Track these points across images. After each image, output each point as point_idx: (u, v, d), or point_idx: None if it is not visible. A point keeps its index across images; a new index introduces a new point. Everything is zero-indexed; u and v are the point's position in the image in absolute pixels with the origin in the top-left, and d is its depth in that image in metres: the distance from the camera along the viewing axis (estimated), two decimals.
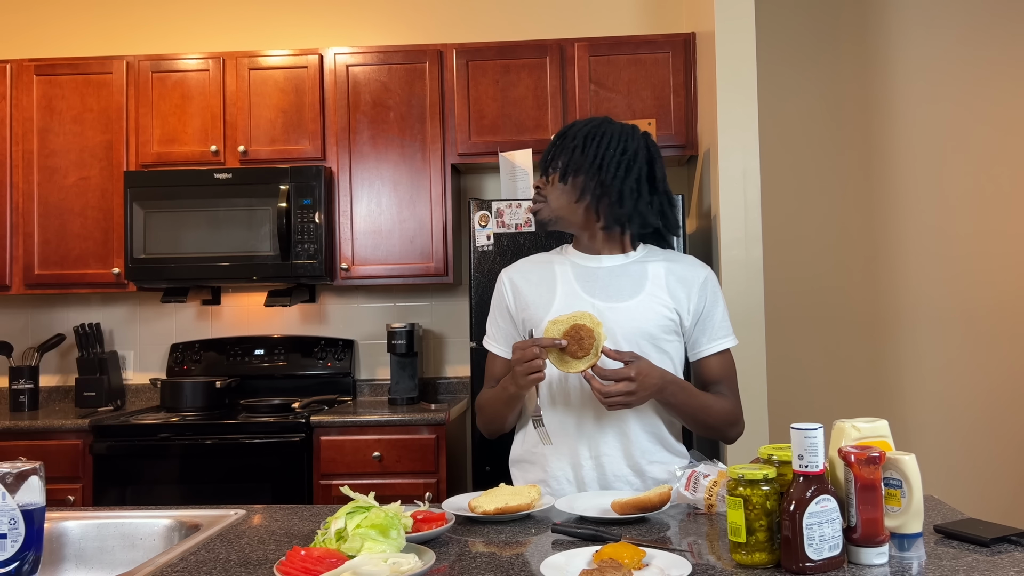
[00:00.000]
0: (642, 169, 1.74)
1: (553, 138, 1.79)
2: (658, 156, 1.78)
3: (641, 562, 1.16)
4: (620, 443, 1.71)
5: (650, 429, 1.73)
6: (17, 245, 3.30)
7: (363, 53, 3.29)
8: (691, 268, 1.79)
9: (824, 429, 1.14)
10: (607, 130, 1.75)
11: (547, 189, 1.78)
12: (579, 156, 1.73)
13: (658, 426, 1.74)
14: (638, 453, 1.71)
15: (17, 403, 3.37)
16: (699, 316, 1.76)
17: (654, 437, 1.73)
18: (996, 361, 3.52)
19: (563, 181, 1.74)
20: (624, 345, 1.68)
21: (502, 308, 1.85)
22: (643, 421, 1.72)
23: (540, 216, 1.79)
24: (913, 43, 3.57)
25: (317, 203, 3.16)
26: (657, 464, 1.72)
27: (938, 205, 3.54)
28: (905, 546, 1.19)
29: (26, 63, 3.34)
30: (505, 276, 1.87)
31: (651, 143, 1.79)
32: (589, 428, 1.72)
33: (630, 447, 1.71)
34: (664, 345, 1.73)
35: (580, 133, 1.75)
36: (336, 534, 1.19)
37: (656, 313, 1.72)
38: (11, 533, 1.13)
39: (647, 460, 1.71)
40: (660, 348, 1.72)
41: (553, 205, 1.77)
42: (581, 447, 1.72)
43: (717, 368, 1.78)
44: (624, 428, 1.71)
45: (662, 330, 1.72)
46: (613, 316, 1.71)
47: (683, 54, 3.20)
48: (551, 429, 1.70)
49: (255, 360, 3.48)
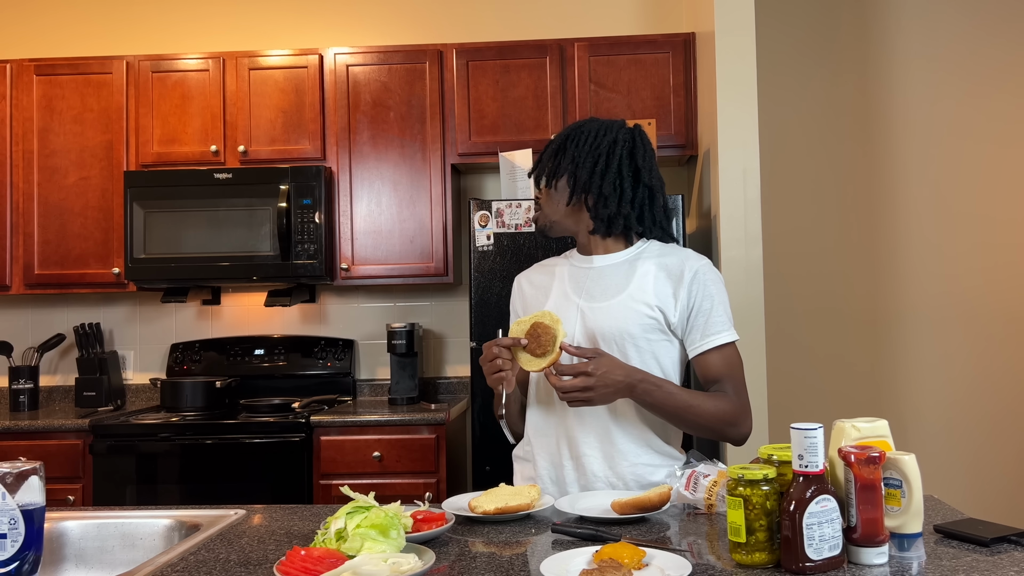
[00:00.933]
0: (623, 164, 1.71)
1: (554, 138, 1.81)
2: (642, 148, 1.74)
3: (641, 562, 1.16)
4: (600, 444, 1.68)
5: (632, 431, 1.69)
6: (17, 245, 3.30)
7: (363, 53, 3.29)
8: (682, 262, 1.72)
9: (824, 429, 1.14)
10: (586, 129, 1.75)
11: (543, 197, 1.79)
12: (559, 159, 1.75)
13: (641, 428, 1.69)
14: (618, 455, 1.67)
15: (17, 403, 3.37)
16: (690, 311, 1.68)
17: (637, 439, 1.69)
18: (996, 361, 3.52)
19: (549, 186, 1.77)
20: (603, 345, 1.67)
21: (514, 311, 1.90)
22: (624, 422, 1.69)
23: (539, 224, 1.82)
24: (913, 43, 3.56)
25: (317, 203, 3.16)
26: (642, 466, 1.67)
27: (938, 204, 3.54)
28: (905, 546, 1.19)
29: (26, 63, 3.34)
30: (517, 281, 1.92)
31: (637, 136, 1.75)
32: (570, 428, 1.71)
33: (610, 448, 1.68)
34: (646, 345, 1.68)
35: (560, 136, 1.77)
36: (336, 534, 1.19)
37: (635, 312, 1.68)
38: (11, 533, 1.13)
39: (628, 462, 1.67)
40: (641, 348, 1.68)
41: (547, 211, 1.78)
42: (562, 447, 1.71)
43: (716, 365, 1.69)
44: (605, 429, 1.68)
45: (643, 329, 1.67)
46: (595, 316, 1.70)
47: (683, 54, 3.20)
48: (533, 428, 1.75)
49: (255, 360, 3.48)
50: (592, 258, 1.79)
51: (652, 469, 1.68)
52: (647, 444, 1.70)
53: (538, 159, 1.80)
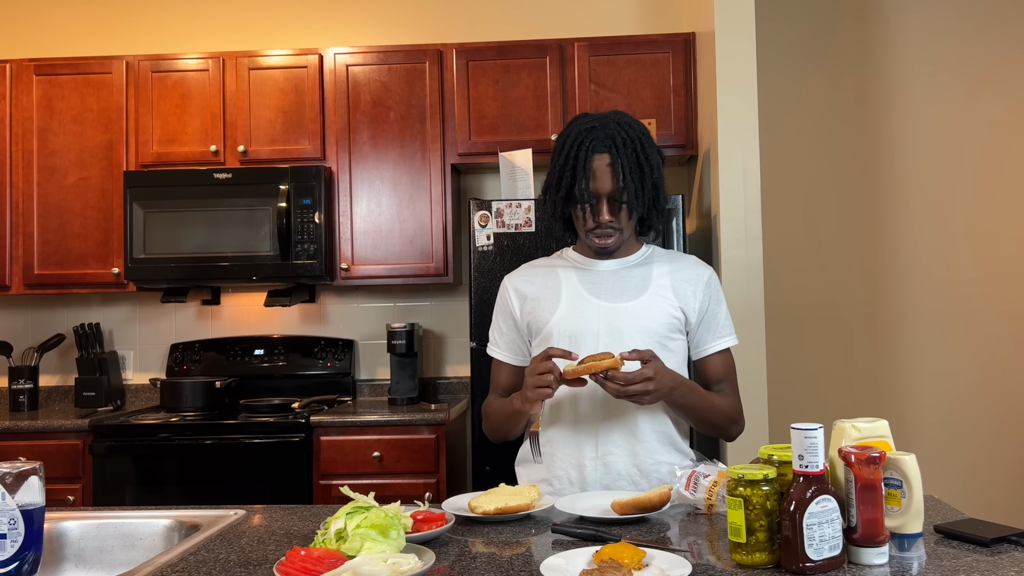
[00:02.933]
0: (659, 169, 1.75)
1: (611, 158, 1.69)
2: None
3: (641, 562, 1.16)
4: (627, 443, 1.71)
5: (659, 428, 1.74)
6: (17, 245, 3.30)
7: (363, 53, 3.29)
8: (694, 267, 1.81)
9: (824, 429, 1.14)
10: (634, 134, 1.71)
11: (620, 221, 1.72)
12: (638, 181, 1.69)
13: (667, 425, 1.75)
14: (644, 453, 1.71)
15: (17, 403, 3.37)
16: (703, 315, 1.77)
17: (663, 437, 1.74)
18: (997, 361, 3.52)
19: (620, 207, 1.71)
20: (629, 344, 1.68)
21: (506, 315, 1.85)
22: (653, 420, 1.73)
23: (611, 247, 1.75)
24: (913, 43, 3.56)
25: (317, 203, 3.16)
26: (664, 464, 1.72)
27: (938, 205, 3.54)
28: (905, 546, 1.19)
29: (26, 63, 3.34)
30: (508, 283, 1.87)
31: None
32: (597, 428, 1.72)
33: (637, 447, 1.71)
34: (670, 344, 1.74)
35: (628, 151, 1.69)
36: (336, 534, 1.19)
37: (662, 312, 1.73)
38: (11, 533, 1.13)
39: (653, 460, 1.72)
40: (666, 347, 1.72)
41: (625, 232, 1.74)
42: (587, 447, 1.72)
43: (720, 367, 1.79)
44: (633, 428, 1.72)
45: (668, 328, 1.73)
46: (619, 316, 1.72)
47: (683, 54, 3.20)
48: (556, 435, 1.74)
49: (255, 360, 3.48)
50: (603, 261, 1.80)
51: (673, 466, 1.70)
52: (670, 442, 1.75)
53: (623, 180, 1.68)
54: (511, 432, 1.80)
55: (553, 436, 1.76)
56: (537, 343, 1.79)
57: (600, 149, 1.69)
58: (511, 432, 1.80)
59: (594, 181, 1.69)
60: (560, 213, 1.78)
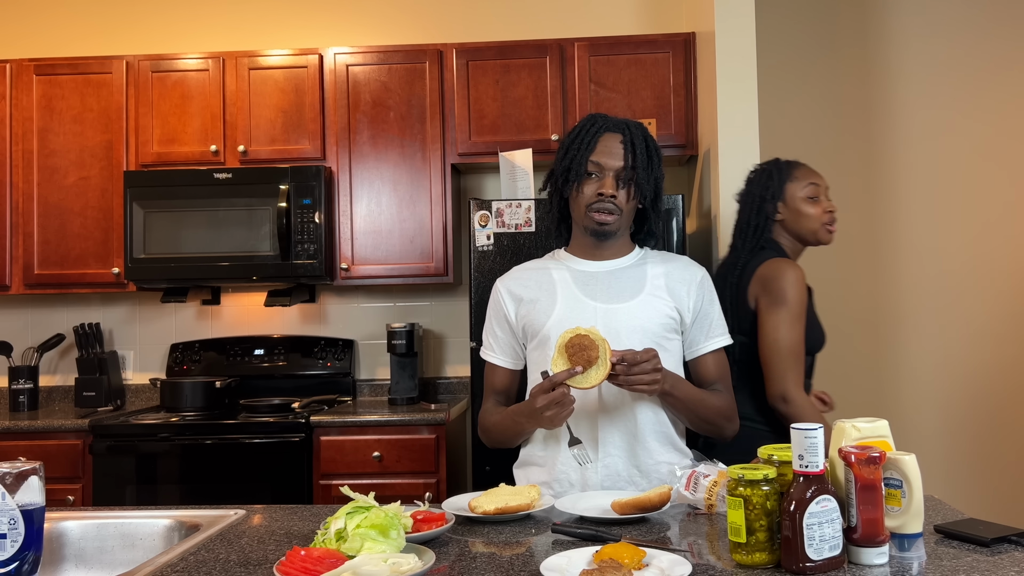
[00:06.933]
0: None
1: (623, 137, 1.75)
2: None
3: (641, 562, 1.16)
4: (627, 443, 1.72)
5: (659, 428, 1.74)
6: (17, 245, 3.30)
7: (363, 53, 3.29)
8: (687, 268, 1.83)
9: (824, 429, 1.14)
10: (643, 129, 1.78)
11: (621, 198, 1.74)
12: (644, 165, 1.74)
13: (667, 425, 1.76)
14: (644, 453, 1.72)
15: (17, 403, 3.37)
16: (697, 314, 1.78)
17: (662, 436, 1.75)
18: (996, 361, 3.51)
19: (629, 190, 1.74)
20: (627, 344, 1.68)
21: (500, 318, 1.85)
22: (653, 420, 1.73)
23: (611, 227, 1.76)
24: (913, 43, 3.56)
25: (317, 203, 3.16)
26: (664, 464, 1.73)
27: (938, 205, 3.54)
28: (905, 546, 1.19)
29: (26, 63, 3.34)
30: (501, 286, 1.86)
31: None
32: (598, 429, 1.72)
33: (637, 447, 1.72)
34: (667, 344, 1.75)
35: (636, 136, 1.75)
36: (336, 534, 1.19)
37: (658, 312, 1.74)
38: (11, 533, 1.13)
39: (653, 460, 1.72)
40: (663, 347, 1.73)
41: (626, 213, 1.76)
42: (587, 448, 1.72)
43: (714, 366, 1.80)
44: (633, 428, 1.72)
45: (664, 328, 1.74)
46: (616, 317, 1.72)
47: (683, 54, 3.20)
48: (552, 433, 1.74)
49: (255, 360, 3.48)
50: (597, 262, 1.80)
51: (672, 466, 1.70)
52: (670, 442, 1.76)
53: (626, 158, 1.73)
54: (513, 443, 1.81)
55: (549, 439, 1.77)
56: (533, 346, 1.79)
57: (612, 129, 1.76)
58: (513, 443, 1.81)
59: (604, 156, 1.73)
60: (559, 198, 1.81)
